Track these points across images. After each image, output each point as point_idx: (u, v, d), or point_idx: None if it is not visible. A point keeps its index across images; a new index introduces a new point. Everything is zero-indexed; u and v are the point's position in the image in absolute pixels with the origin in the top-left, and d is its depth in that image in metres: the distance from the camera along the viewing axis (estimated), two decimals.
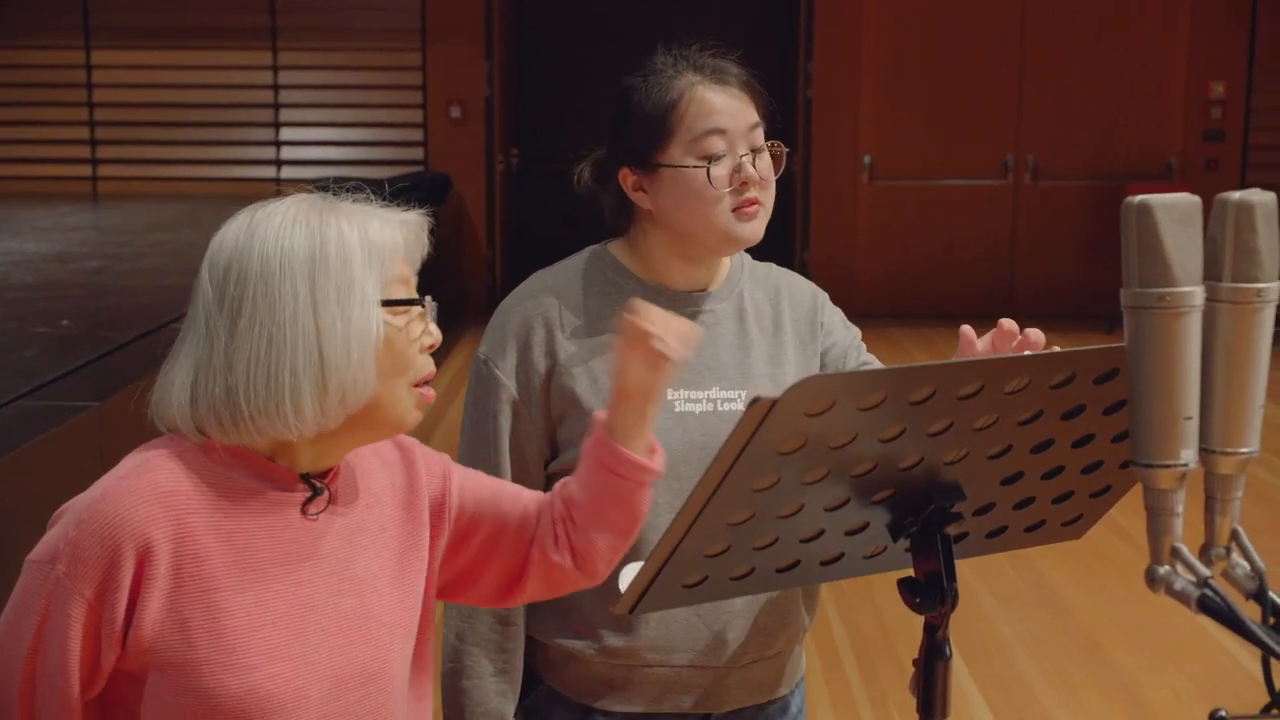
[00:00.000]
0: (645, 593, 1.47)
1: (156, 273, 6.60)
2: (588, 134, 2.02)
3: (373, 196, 1.56)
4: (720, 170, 1.89)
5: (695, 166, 1.88)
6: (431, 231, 1.58)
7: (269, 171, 10.72)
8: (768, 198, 1.94)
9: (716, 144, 1.89)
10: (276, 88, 10.65)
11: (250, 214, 1.50)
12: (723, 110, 1.90)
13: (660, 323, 1.61)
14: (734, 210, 1.90)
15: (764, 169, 1.93)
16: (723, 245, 1.94)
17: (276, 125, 10.71)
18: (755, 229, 1.93)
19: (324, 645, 1.50)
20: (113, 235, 8.48)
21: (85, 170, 10.73)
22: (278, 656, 1.46)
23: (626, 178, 1.95)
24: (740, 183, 1.89)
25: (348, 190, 1.55)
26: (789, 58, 10.82)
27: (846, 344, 2.07)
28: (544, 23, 11.12)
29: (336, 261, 1.45)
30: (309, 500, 1.52)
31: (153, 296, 5.77)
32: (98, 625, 1.41)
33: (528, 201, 11.20)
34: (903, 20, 10.46)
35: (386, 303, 1.49)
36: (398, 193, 1.63)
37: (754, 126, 1.92)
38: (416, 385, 1.53)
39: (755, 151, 1.92)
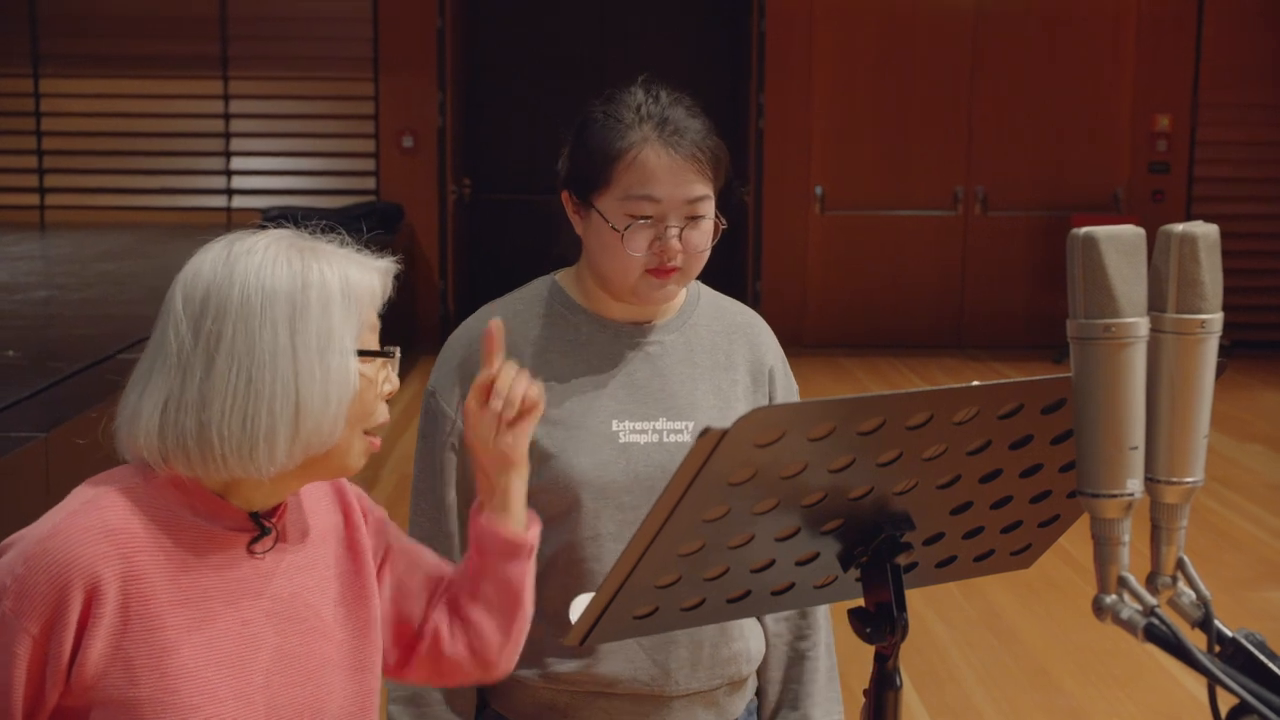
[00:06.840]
0: (596, 624, 1.47)
1: (104, 302, 6.53)
2: (540, 165, 2.02)
3: (347, 238, 1.56)
4: (638, 239, 1.87)
5: (615, 228, 1.87)
6: (396, 276, 1.57)
7: (219, 201, 10.65)
8: (693, 264, 1.92)
9: (645, 209, 1.87)
10: (227, 116, 10.60)
11: (228, 246, 1.48)
12: (663, 180, 1.87)
13: (504, 378, 1.61)
14: (650, 270, 1.89)
15: (696, 240, 1.90)
16: (633, 299, 1.94)
17: (227, 154, 10.64)
18: (668, 292, 1.93)
19: (266, 685, 1.49)
20: (60, 265, 8.40)
21: (33, 199, 10.62)
22: (219, 696, 1.46)
23: (567, 200, 1.96)
24: (659, 251, 1.88)
25: (321, 229, 1.54)
26: (741, 89, 10.87)
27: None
28: (497, 53, 11.13)
29: (317, 307, 1.45)
30: (256, 539, 1.51)
31: (100, 326, 5.71)
32: (43, 662, 1.40)
33: (480, 231, 11.19)
34: (854, 53, 10.53)
35: (361, 353, 1.49)
36: (349, 221, 1.63)
37: (694, 200, 1.88)
38: (367, 433, 1.53)
39: (692, 219, 1.89)
